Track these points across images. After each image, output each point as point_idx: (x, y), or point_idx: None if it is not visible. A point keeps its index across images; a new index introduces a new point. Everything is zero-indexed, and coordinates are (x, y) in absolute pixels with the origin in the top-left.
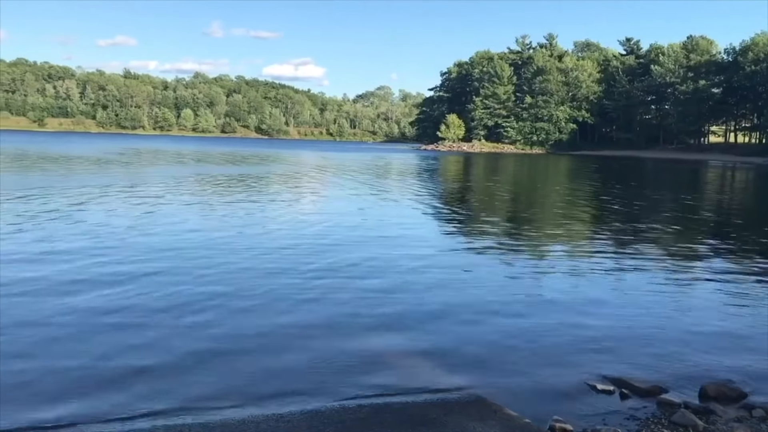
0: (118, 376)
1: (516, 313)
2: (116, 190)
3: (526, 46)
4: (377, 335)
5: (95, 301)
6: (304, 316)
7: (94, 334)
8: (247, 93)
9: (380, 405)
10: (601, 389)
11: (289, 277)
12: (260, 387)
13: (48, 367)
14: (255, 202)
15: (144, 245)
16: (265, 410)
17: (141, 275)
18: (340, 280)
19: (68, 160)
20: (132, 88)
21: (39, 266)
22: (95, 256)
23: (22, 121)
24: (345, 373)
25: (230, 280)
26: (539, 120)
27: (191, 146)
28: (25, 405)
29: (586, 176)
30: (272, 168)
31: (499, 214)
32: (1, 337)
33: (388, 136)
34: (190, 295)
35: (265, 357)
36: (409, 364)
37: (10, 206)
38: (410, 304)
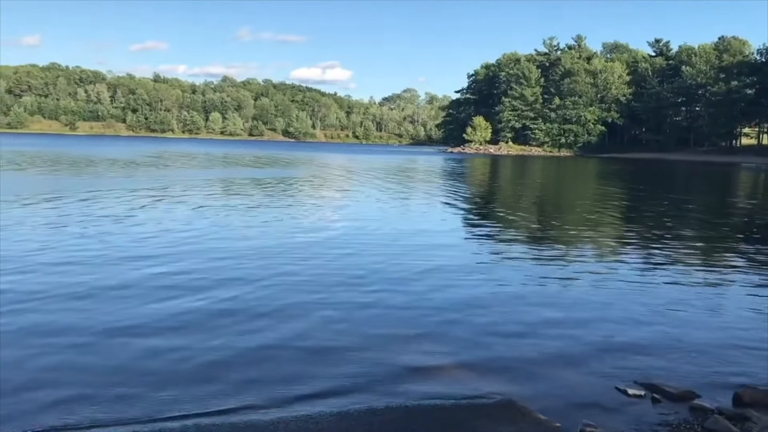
0: (150, 376)
1: (544, 317)
2: (166, 193)
3: (554, 48)
4: (405, 340)
5: (150, 302)
6: (332, 321)
7: (132, 334)
8: (274, 96)
9: (409, 408)
10: (632, 394)
11: (323, 282)
12: (291, 388)
13: (79, 366)
14: (291, 206)
15: (199, 251)
16: (295, 411)
17: (181, 278)
18: (369, 285)
19: (113, 162)
20: (161, 92)
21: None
22: (140, 260)
23: (55, 125)
24: (374, 375)
25: (261, 283)
26: (567, 122)
27: (221, 149)
28: (82, 402)
29: (616, 179)
30: (302, 171)
31: (527, 218)
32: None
33: (414, 138)
34: (222, 298)
35: (296, 359)
36: (437, 368)
37: (83, 208)
38: (437, 309)
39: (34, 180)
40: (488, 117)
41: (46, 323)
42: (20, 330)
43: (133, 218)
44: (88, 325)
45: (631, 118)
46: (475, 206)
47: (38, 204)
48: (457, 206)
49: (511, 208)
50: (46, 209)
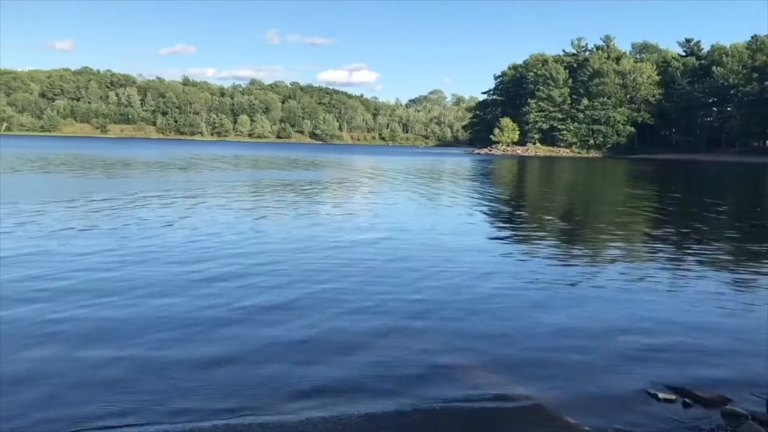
0: (181, 374)
1: (573, 320)
2: (207, 196)
3: (582, 49)
4: (432, 341)
5: (189, 301)
6: (361, 322)
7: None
8: (301, 99)
9: (436, 410)
10: (662, 398)
11: (354, 283)
12: (319, 389)
13: (109, 361)
14: (324, 209)
15: (232, 251)
16: (323, 412)
17: (221, 278)
18: (399, 287)
19: (150, 165)
20: (190, 95)
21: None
22: (186, 263)
23: (86, 128)
24: (401, 377)
25: (295, 285)
26: (596, 122)
27: (250, 152)
28: (114, 399)
29: (646, 181)
30: (332, 173)
31: (556, 220)
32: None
33: (440, 140)
34: (252, 296)
35: (325, 360)
36: (465, 370)
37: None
38: (465, 311)
39: (88, 182)
40: (515, 118)
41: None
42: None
43: (185, 221)
44: (158, 323)
45: (660, 118)
46: (504, 208)
47: (97, 206)
48: (486, 208)
49: (540, 210)
50: (103, 211)
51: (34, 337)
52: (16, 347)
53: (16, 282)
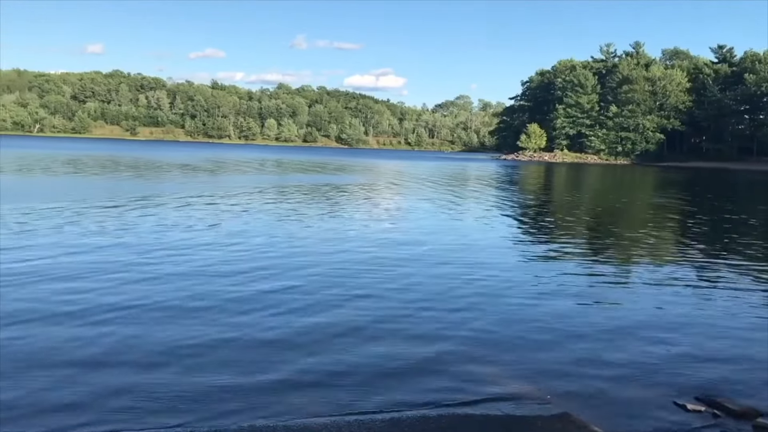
0: (208, 377)
1: (601, 329)
2: (243, 200)
3: (611, 55)
4: (459, 346)
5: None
6: (385, 329)
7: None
8: (328, 103)
9: (461, 415)
10: (691, 409)
11: (381, 288)
12: (342, 393)
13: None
14: (355, 213)
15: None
16: (347, 416)
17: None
18: (425, 293)
19: (183, 167)
20: (219, 99)
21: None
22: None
23: (116, 130)
24: (426, 382)
25: (320, 288)
26: (624, 130)
27: (279, 155)
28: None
29: (676, 189)
30: (361, 178)
31: (583, 228)
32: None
33: (466, 145)
34: (281, 300)
35: (348, 364)
36: (491, 377)
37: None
38: (490, 318)
39: (129, 184)
40: (542, 124)
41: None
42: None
43: (221, 227)
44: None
45: (691, 126)
46: (531, 215)
47: (142, 208)
48: (513, 215)
49: (568, 218)
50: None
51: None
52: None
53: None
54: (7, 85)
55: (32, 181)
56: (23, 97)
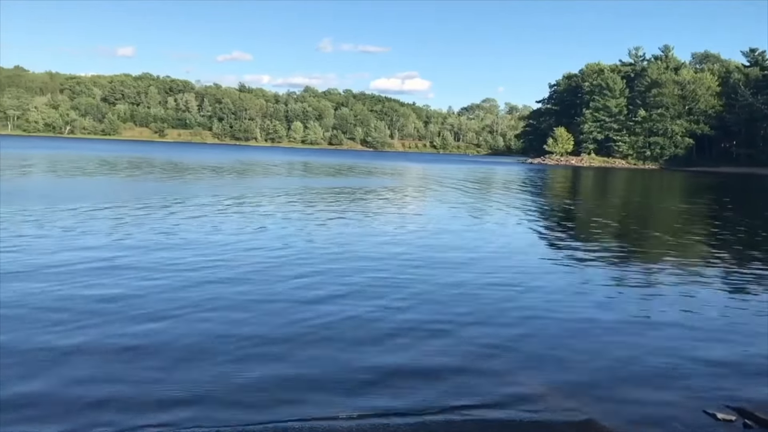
0: (235, 372)
1: (628, 336)
2: (277, 202)
3: (639, 58)
4: (484, 350)
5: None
6: (408, 334)
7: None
8: (354, 106)
9: (485, 420)
10: (721, 418)
11: (411, 292)
12: (368, 397)
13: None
14: (385, 216)
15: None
16: (372, 420)
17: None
18: (448, 298)
19: (218, 170)
20: (246, 102)
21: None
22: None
23: (145, 132)
24: (448, 386)
25: (348, 291)
26: (653, 134)
27: (307, 158)
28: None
29: (705, 195)
30: (383, 180)
31: (611, 233)
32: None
33: (492, 149)
34: (316, 300)
35: (373, 369)
36: (516, 381)
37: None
38: (515, 324)
39: (171, 186)
40: (570, 128)
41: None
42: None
43: (267, 230)
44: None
45: (721, 130)
46: (558, 220)
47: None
48: (540, 220)
49: (597, 222)
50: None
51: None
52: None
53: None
54: (40, 87)
55: (75, 182)
56: (55, 99)
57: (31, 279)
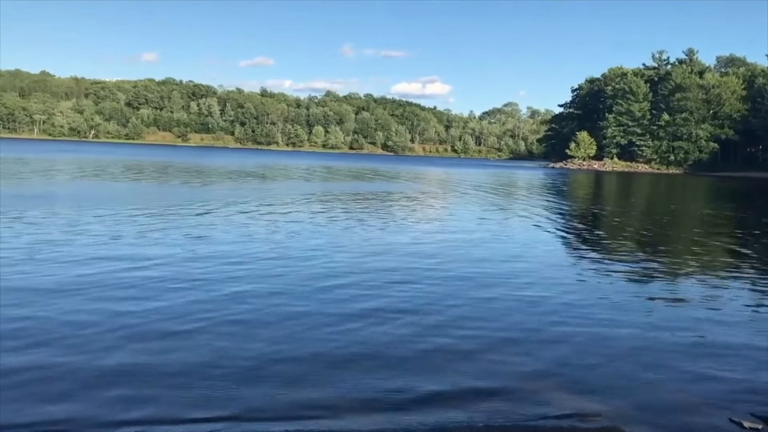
0: (273, 372)
1: (651, 342)
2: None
3: (663, 62)
4: (508, 357)
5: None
6: (434, 335)
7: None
8: (375, 111)
9: (509, 427)
10: (747, 427)
11: (433, 296)
12: (390, 400)
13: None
14: (410, 221)
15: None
16: (393, 423)
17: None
18: (473, 302)
19: (246, 174)
20: (268, 106)
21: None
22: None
23: (168, 136)
24: (472, 391)
25: (371, 295)
26: (677, 138)
27: (330, 162)
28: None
29: (730, 200)
30: (404, 185)
31: (634, 240)
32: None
33: (514, 153)
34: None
35: (398, 372)
36: (540, 389)
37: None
38: (541, 332)
39: (202, 190)
40: (592, 132)
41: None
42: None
43: (300, 235)
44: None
45: (746, 135)
46: (581, 225)
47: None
48: (563, 225)
49: (621, 228)
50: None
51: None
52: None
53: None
54: (65, 92)
55: (107, 186)
56: (80, 104)
57: (66, 294)
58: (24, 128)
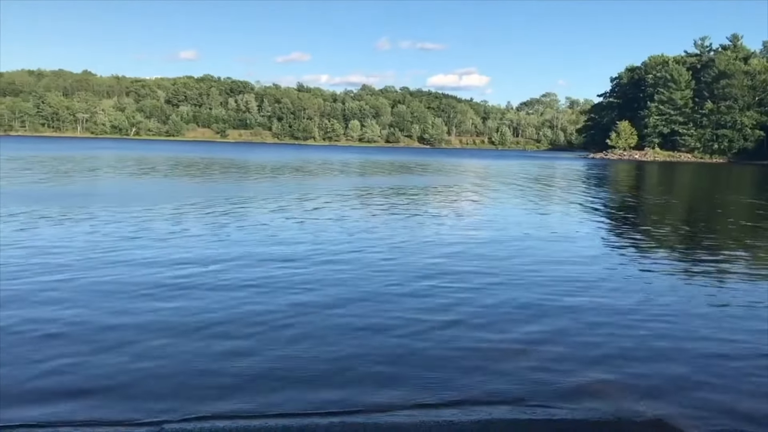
0: (308, 366)
1: (701, 336)
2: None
3: (706, 49)
4: (550, 348)
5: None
6: (474, 332)
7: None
8: (411, 103)
9: (552, 420)
10: None
11: (470, 292)
12: (435, 393)
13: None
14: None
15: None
16: (437, 417)
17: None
18: (514, 296)
19: (296, 170)
20: (304, 101)
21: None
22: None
23: (207, 133)
24: (517, 383)
25: (415, 290)
26: (721, 126)
27: (366, 156)
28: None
29: None
30: (441, 178)
31: (681, 233)
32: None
33: (552, 144)
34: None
35: (443, 365)
36: (584, 380)
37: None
38: (586, 323)
39: (255, 186)
40: (633, 122)
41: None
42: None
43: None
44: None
45: None
46: (626, 217)
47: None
48: (606, 218)
49: (668, 222)
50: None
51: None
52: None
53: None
54: (106, 90)
55: (167, 183)
56: (121, 102)
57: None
58: (68, 127)
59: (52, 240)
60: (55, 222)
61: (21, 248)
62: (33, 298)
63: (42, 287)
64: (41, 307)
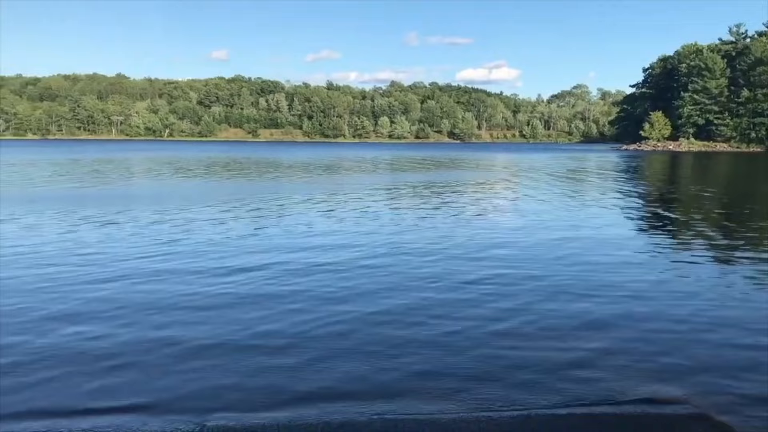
0: (329, 363)
1: (746, 329)
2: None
3: (741, 36)
4: (588, 339)
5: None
6: (515, 321)
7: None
8: (440, 99)
9: (592, 414)
10: None
11: (512, 284)
12: (471, 389)
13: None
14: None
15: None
16: (476, 412)
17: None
18: (552, 289)
19: (329, 168)
20: (334, 99)
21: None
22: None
23: (239, 133)
24: (554, 377)
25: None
26: (758, 115)
27: (397, 153)
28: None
29: None
30: (472, 174)
31: (731, 227)
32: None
33: (584, 136)
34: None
35: (478, 359)
36: (626, 374)
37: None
38: (629, 317)
39: (291, 185)
40: (666, 112)
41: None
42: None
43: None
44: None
45: None
46: (663, 213)
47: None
48: (643, 213)
49: (712, 214)
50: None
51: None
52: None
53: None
54: (140, 93)
55: (208, 184)
56: (154, 104)
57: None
58: (103, 129)
59: (123, 244)
60: (128, 219)
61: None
62: (83, 311)
63: (94, 298)
64: (93, 322)
